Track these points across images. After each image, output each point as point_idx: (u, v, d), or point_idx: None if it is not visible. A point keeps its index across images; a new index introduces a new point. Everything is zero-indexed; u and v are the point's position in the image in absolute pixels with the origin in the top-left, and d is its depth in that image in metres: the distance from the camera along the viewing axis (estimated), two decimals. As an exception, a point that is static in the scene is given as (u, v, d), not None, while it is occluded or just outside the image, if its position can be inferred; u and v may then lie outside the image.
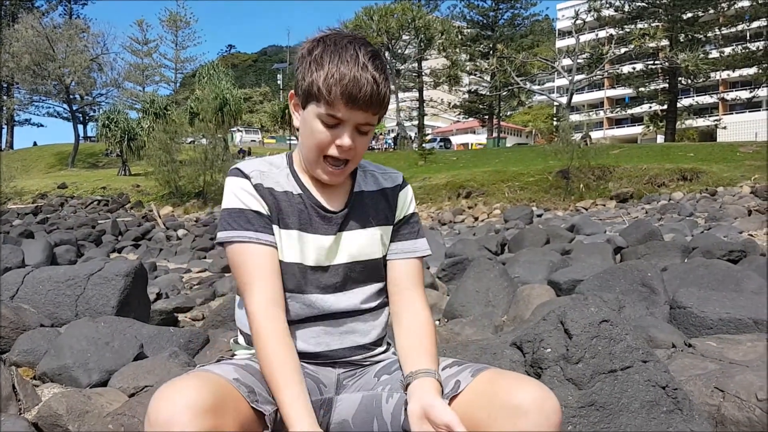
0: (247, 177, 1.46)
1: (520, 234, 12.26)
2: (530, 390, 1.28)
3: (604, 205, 21.48)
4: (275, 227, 1.46)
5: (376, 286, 1.57)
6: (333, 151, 1.42)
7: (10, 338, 4.30)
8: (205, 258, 15.01)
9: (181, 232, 20.37)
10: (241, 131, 47.37)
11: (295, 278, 1.47)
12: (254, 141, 55.61)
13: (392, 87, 1.97)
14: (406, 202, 1.62)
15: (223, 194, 1.48)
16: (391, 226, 1.59)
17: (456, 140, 54.67)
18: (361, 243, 1.53)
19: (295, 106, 1.49)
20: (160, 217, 23.55)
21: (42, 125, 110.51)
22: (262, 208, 1.45)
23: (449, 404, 1.34)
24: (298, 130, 1.50)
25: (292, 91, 1.48)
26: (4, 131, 53.32)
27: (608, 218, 18.05)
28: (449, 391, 1.36)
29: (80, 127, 49.65)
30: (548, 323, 1.96)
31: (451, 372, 1.42)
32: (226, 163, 27.41)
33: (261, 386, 1.33)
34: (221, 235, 1.43)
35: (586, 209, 21.10)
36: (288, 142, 49.38)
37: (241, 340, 1.58)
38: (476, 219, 20.86)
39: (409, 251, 1.59)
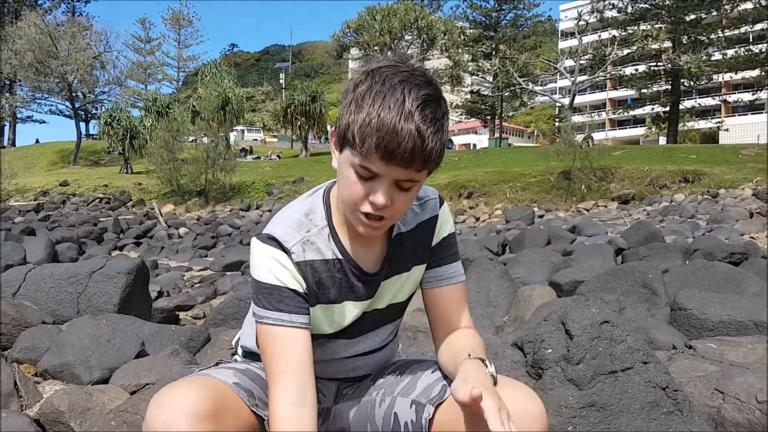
0: (286, 252, 1.31)
1: (521, 234, 12.25)
2: (511, 399, 1.22)
3: (606, 207, 21.47)
4: (312, 306, 1.35)
5: (396, 323, 1.52)
6: (366, 208, 1.24)
7: (12, 335, 4.31)
8: (206, 256, 15.01)
9: (182, 230, 20.39)
10: (235, 130, 47.22)
11: (325, 338, 1.42)
12: (256, 140, 55.66)
13: (446, 137, 1.61)
14: (444, 226, 1.47)
15: (251, 256, 1.33)
16: (428, 260, 1.46)
17: (458, 140, 54.66)
18: (397, 288, 1.44)
19: (335, 144, 1.31)
20: (161, 215, 23.57)
21: (44, 122, 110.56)
22: (300, 286, 1.32)
23: (435, 410, 1.33)
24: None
25: (333, 129, 1.31)
26: (7, 128, 53.38)
27: (610, 219, 18.04)
28: (434, 396, 1.35)
29: (82, 124, 49.73)
30: (549, 324, 1.97)
31: (438, 376, 1.41)
32: (228, 161, 27.42)
33: (261, 390, 1.33)
34: (254, 309, 1.32)
35: (588, 210, 21.09)
36: (290, 141, 49.35)
37: (239, 351, 1.58)
38: (477, 219, 20.85)
39: (447, 277, 1.46)
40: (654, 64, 42.17)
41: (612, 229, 15.02)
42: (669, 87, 42.10)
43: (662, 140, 45.14)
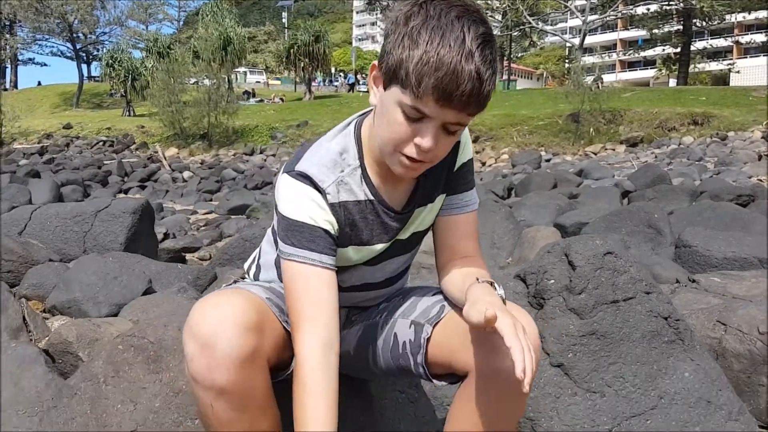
0: (321, 192, 1.27)
1: (527, 178, 12.20)
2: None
3: (614, 150, 21.31)
4: (344, 247, 1.33)
5: (412, 253, 1.50)
6: (410, 150, 1.18)
7: (19, 272, 4.36)
8: (211, 200, 15.07)
9: (186, 174, 20.38)
10: (237, 72, 46.40)
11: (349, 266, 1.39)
12: (259, 82, 54.94)
13: (496, 80, 1.54)
14: (464, 151, 1.41)
15: (279, 191, 1.28)
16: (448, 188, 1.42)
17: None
18: (421, 219, 1.41)
19: (375, 80, 1.23)
20: (165, 158, 23.52)
21: (46, 64, 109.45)
22: (332, 227, 1.28)
23: (432, 329, 1.33)
24: (372, 106, 1.28)
25: (375, 62, 1.22)
26: (8, 71, 52.76)
27: (617, 163, 17.92)
28: (432, 316, 1.36)
29: (84, 66, 49.02)
30: (552, 255, 1.96)
31: (437, 298, 1.41)
32: (230, 104, 27.15)
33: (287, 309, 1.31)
34: (281, 247, 1.28)
35: (596, 154, 20.94)
36: (293, 83, 48.72)
37: (253, 271, 1.57)
38: (483, 164, 20.74)
39: (460, 206, 1.42)
40: (666, 3, 41.03)
41: (619, 172, 14.94)
42: (681, 27, 41.06)
43: (672, 82, 44.34)
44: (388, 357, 1.43)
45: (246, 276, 1.60)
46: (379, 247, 1.37)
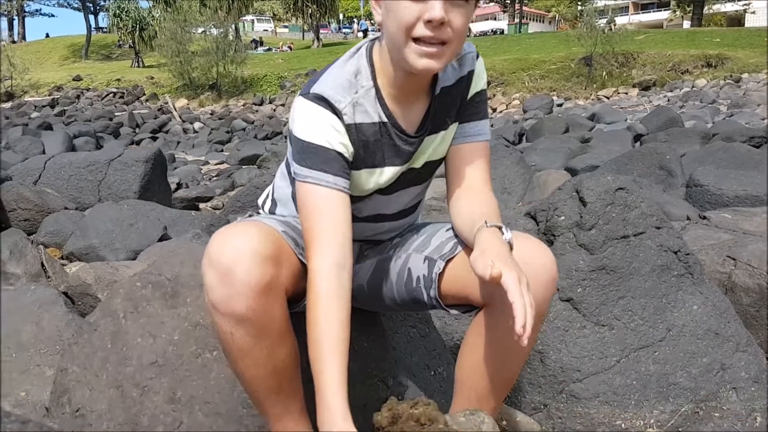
0: (338, 114, 1.28)
1: (538, 123, 12.07)
2: (524, 246, 1.26)
3: (626, 93, 20.97)
4: (357, 170, 1.33)
5: (425, 185, 1.51)
6: (422, 31, 1.19)
7: (36, 220, 4.43)
8: (222, 151, 15.06)
9: (197, 125, 20.34)
10: (244, 21, 45.55)
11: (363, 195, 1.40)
12: (266, 30, 54.08)
13: None
14: (478, 80, 1.42)
15: (294, 114, 1.28)
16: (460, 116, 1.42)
17: (475, 28, 52.69)
18: (435, 147, 1.41)
19: (377, 1, 1.28)
20: (175, 109, 23.43)
21: (53, 15, 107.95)
22: (346, 150, 1.29)
23: (445, 265, 1.35)
24: (380, 29, 1.30)
25: None
26: (16, 22, 52.19)
27: (630, 107, 17.66)
28: (446, 252, 1.37)
29: (91, 17, 48.37)
30: (563, 192, 1.96)
31: (451, 234, 1.42)
32: (238, 53, 26.82)
33: (302, 241, 1.33)
34: (295, 169, 1.29)
35: (608, 98, 20.63)
36: (301, 31, 47.93)
37: (268, 206, 1.58)
38: (494, 110, 20.50)
39: (472, 134, 1.42)
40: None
41: (632, 116, 14.73)
42: (696, -34, 39.70)
43: (686, 24, 43.12)
44: (402, 290, 1.45)
45: (261, 211, 1.61)
46: (391, 171, 1.38)
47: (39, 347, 2.14)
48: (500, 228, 1.26)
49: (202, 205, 7.13)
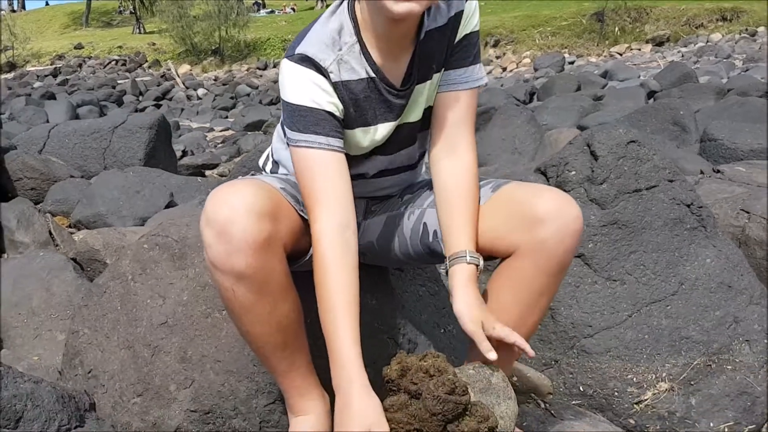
0: (323, 73, 1.24)
1: (550, 81, 11.91)
2: (549, 199, 1.26)
3: (639, 50, 20.63)
4: (351, 129, 1.31)
5: (424, 135, 1.46)
6: None
7: (42, 189, 4.43)
8: (227, 117, 14.96)
9: (201, 91, 20.20)
10: None
11: (359, 156, 1.37)
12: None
13: None
14: (468, 21, 1.35)
15: (281, 77, 1.26)
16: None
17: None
18: (426, 96, 1.36)
19: None
20: (178, 76, 23.25)
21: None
22: (336, 109, 1.26)
23: None
24: None
25: None
26: (14, -9, 51.63)
27: (643, 63, 17.37)
28: None
29: (90, -16, 47.69)
30: (574, 147, 1.93)
31: None
32: (240, 16, 26.47)
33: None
34: (288, 134, 1.27)
35: (621, 54, 20.30)
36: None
37: (269, 167, 1.57)
38: (504, 69, 20.24)
39: (458, 82, 1.36)
40: None
41: (645, 72, 14.49)
42: None
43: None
44: (418, 245, 1.44)
45: (263, 172, 1.59)
46: (386, 127, 1.35)
47: (50, 313, 2.15)
48: (472, 257, 1.27)
49: (208, 172, 7.11)
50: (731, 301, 1.81)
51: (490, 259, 1.38)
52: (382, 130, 1.34)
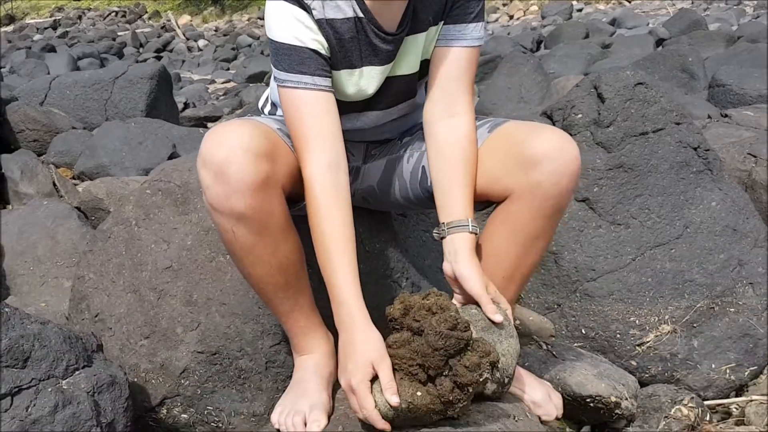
0: (306, 9, 1.21)
1: (557, 29, 11.67)
2: (545, 138, 1.23)
3: (649, -4, 20.17)
4: (337, 71, 1.27)
5: (423, 82, 1.43)
6: None
7: (45, 141, 4.41)
8: (228, 69, 14.77)
9: (201, 42, 19.89)
10: None
11: (346, 104, 1.33)
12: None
13: None
14: None
15: (266, 16, 1.24)
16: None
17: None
18: (421, 49, 1.32)
19: None
20: (178, 27, 22.88)
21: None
22: (321, 47, 1.23)
23: None
24: None
25: None
26: (8, -59, 50.52)
27: (652, 11, 16.98)
28: None
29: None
30: (581, 89, 1.90)
31: None
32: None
33: None
34: (275, 74, 1.25)
35: (629, 1, 19.83)
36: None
37: (268, 108, 1.55)
38: (511, 17, 19.81)
39: (457, 38, 1.31)
40: None
41: (654, 20, 14.17)
42: None
43: None
44: (417, 189, 1.43)
45: (262, 113, 1.58)
46: (372, 73, 1.30)
47: (55, 260, 2.17)
48: (473, 227, 1.26)
49: (210, 125, 7.05)
50: (736, 244, 1.80)
51: (485, 205, 1.37)
52: (368, 76, 1.30)
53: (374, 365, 1.07)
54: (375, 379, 1.07)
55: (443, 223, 1.29)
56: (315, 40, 1.22)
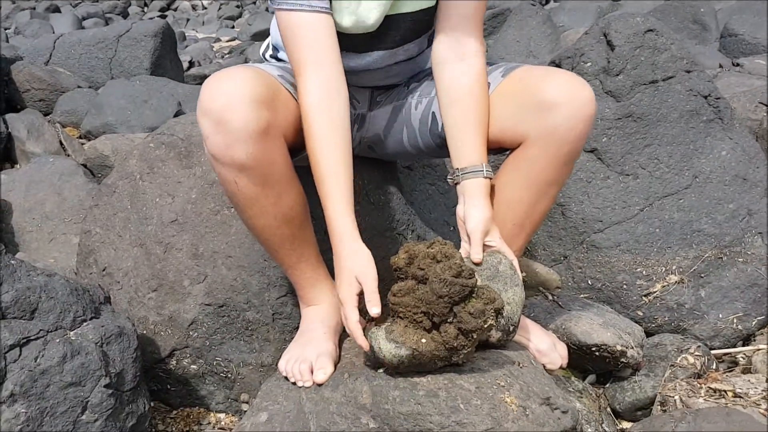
0: None
1: (565, -18, 11.41)
2: (559, 82, 1.21)
3: (660, -52, 19.60)
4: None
5: (429, 30, 1.38)
6: None
7: (50, 100, 4.39)
8: (233, 27, 14.60)
9: (206, 0, 19.64)
10: None
11: (349, 40, 1.29)
12: None
13: None
14: None
15: None
16: None
17: None
18: None
19: None
20: (183, -15, 22.53)
21: None
22: None
23: None
24: None
25: None
26: None
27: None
28: None
29: None
30: (590, 36, 1.85)
31: None
32: None
33: None
34: None
35: (639, -46, 19.32)
36: None
37: (270, 52, 1.52)
38: (518, -29, 19.40)
39: None
40: None
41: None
42: None
43: None
44: (427, 136, 1.41)
45: (264, 59, 1.55)
46: (371, 4, 1.25)
47: (63, 216, 2.18)
48: (488, 171, 1.25)
49: (216, 83, 6.99)
50: (745, 194, 1.78)
51: (498, 151, 1.36)
52: (366, 5, 1.25)
53: (358, 278, 1.10)
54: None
55: (457, 168, 1.28)
56: None
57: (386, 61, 1.39)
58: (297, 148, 1.25)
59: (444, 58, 1.31)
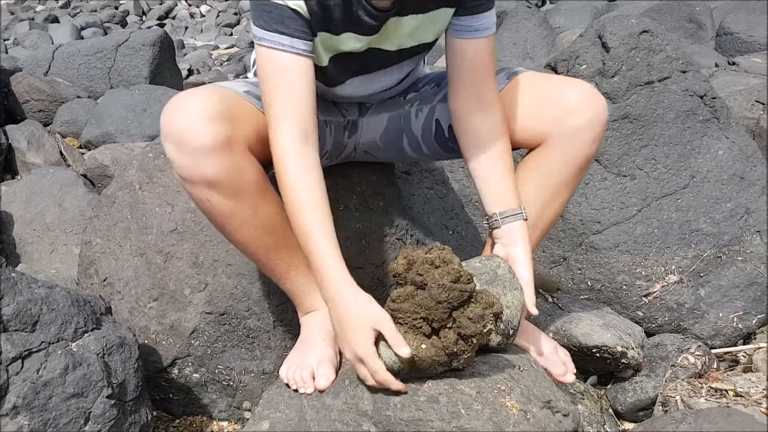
0: None
1: (561, -17, 11.44)
2: (580, 89, 1.29)
3: (655, -53, 19.63)
4: (316, 36, 1.21)
5: (416, 60, 1.39)
6: None
7: (50, 111, 4.40)
8: (231, 34, 14.65)
9: (204, 8, 19.69)
10: None
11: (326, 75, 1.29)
12: None
13: None
14: None
15: None
16: (455, 3, 1.25)
17: None
18: (411, 30, 1.26)
19: None
20: (181, -7, 22.61)
21: None
22: (301, 8, 1.16)
23: None
24: None
25: None
26: None
27: (659, -39, 16.59)
28: None
29: None
30: (585, 39, 1.86)
31: None
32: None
33: None
34: (252, 30, 1.20)
35: (635, -47, 19.35)
36: None
37: (254, 69, 1.53)
38: (514, -28, 19.44)
39: (477, 29, 1.27)
40: None
41: (661, -30, 13.85)
42: None
43: None
44: (432, 142, 1.43)
45: (248, 74, 1.56)
46: (351, 39, 1.24)
47: (64, 227, 2.18)
48: (524, 213, 1.29)
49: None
50: (743, 193, 1.79)
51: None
52: (347, 44, 1.24)
53: (375, 327, 1.06)
54: (376, 342, 1.08)
55: (495, 212, 1.30)
56: (294, 2, 1.16)
57: (368, 89, 1.39)
58: (271, 160, 1.22)
59: (466, 110, 1.32)
